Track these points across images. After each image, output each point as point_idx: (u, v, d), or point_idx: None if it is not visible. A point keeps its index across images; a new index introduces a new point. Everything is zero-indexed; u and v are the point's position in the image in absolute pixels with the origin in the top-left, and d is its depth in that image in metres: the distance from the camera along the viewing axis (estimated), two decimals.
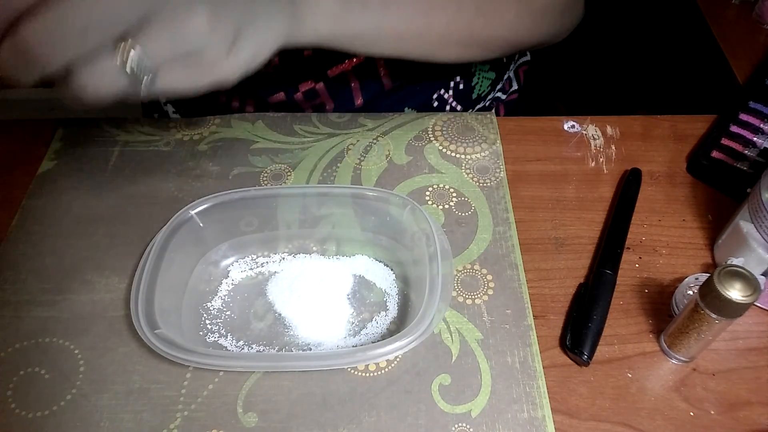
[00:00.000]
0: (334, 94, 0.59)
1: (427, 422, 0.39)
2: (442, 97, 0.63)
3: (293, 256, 0.48)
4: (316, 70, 0.57)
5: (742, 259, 0.44)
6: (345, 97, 0.59)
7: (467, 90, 0.64)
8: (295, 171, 0.52)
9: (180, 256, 0.44)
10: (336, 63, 0.57)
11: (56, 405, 0.39)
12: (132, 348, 0.42)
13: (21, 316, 0.43)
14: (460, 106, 0.65)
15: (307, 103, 0.59)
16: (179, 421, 0.39)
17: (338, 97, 0.60)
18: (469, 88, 0.64)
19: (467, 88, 0.64)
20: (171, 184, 0.51)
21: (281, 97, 0.59)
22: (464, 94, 0.64)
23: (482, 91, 0.66)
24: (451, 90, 0.63)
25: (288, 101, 0.59)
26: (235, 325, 0.44)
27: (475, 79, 0.64)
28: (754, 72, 0.61)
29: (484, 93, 0.66)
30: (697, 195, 0.52)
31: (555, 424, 0.39)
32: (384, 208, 0.46)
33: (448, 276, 0.42)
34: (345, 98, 0.59)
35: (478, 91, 0.65)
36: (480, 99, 0.66)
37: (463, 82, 0.63)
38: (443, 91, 0.63)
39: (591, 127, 0.57)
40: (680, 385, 0.41)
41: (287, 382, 0.40)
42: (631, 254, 0.48)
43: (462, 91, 0.64)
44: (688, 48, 0.75)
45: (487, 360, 0.41)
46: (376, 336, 0.43)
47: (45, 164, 0.52)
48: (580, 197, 0.51)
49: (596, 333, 0.42)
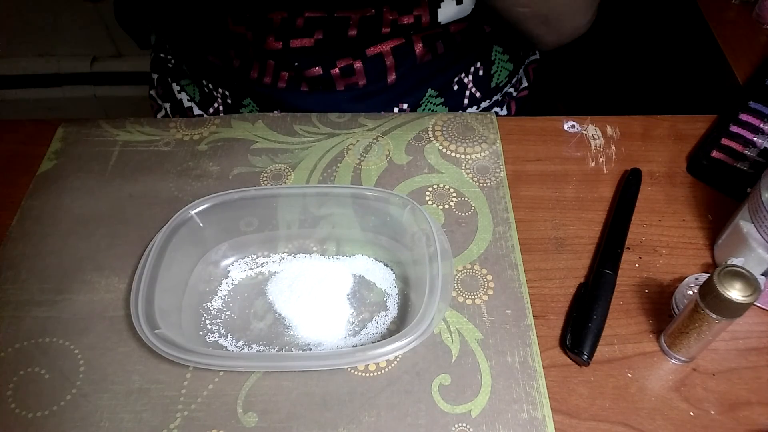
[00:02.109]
0: (368, 72, 0.60)
1: (427, 422, 0.39)
2: (462, 81, 0.64)
3: (293, 256, 0.48)
4: (356, 47, 0.58)
5: (742, 259, 0.44)
6: (378, 74, 0.60)
7: (486, 77, 0.65)
8: (295, 171, 0.52)
9: (180, 256, 0.44)
10: (376, 42, 0.58)
11: (56, 405, 0.39)
12: (132, 348, 0.42)
13: (21, 316, 0.43)
14: (479, 92, 0.65)
15: (342, 80, 0.60)
16: (179, 421, 0.39)
17: (372, 74, 0.60)
18: (488, 75, 0.65)
19: (486, 75, 0.65)
20: (171, 184, 0.51)
21: (317, 71, 0.59)
22: (483, 80, 0.65)
23: (500, 81, 0.67)
24: (471, 75, 0.64)
25: (323, 76, 0.59)
26: (235, 325, 0.44)
27: (494, 67, 0.65)
28: (754, 72, 0.61)
29: (502, 83, 0.67)
30: (697, 195, 0.52)
31: (555, 424, 0.39)
32: (384, 208, 0.46)
33: (448, 276, 0.42)
34: (378, 76, 0.60)
35: (497, 80, 0.66)
36: (498, 89, 0.67)
37: (483, 68, 0.64)
38: (464, 74, 0.63)
39: (591, 127, 0.57)
40: (680, 385, 0.41)
41: (287, 382, 0.40)
42: (631, 254, 0.48)
43: (482, 77, 0.65)
44: (688, 48, 0.75)
45: (487, 360, 0.41)
46: (376, 336, 0.43)
47: (45, 164, 0.52)
48: (580, 197, 0.51)
49: (596, 333, 0.42)
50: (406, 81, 0.61)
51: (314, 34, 0.56)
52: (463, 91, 0.64)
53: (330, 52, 0.58)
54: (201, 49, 0.63)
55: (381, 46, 0.58)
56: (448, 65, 0.62)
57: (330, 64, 0.58)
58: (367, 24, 0.56)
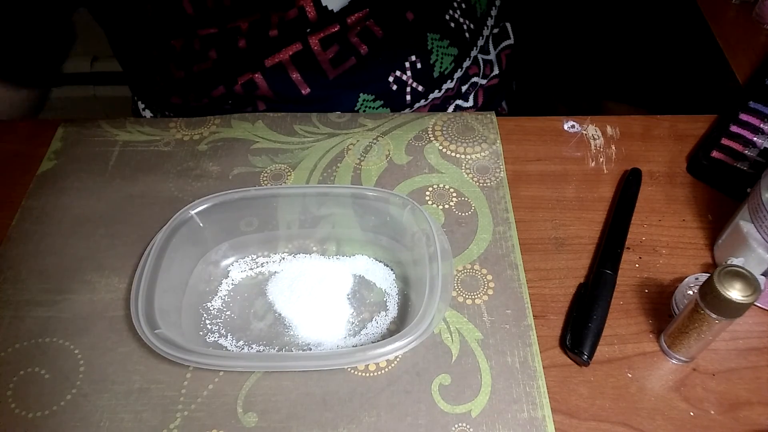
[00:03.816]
0: (274, 85, 0.58)
1: (427, 422, 0.39)
2: (400, 78, 0.60)
3: (293, 256, 0.48)
4: (252, 60, 0.56)
5: (742, 259, 0.44)
6: (288, 88, 0.58)
7: (427, 68, 0.61)
8: (295, 171, 0.52)
9: (180, 256, 0.44)
10: (272, 52, 0.56)
11: (56, 405, 0.39)
12: (132, 348, 0.42)
13: (21, 316, 0.43)
14: (422, 86, 0.62)
15: (249, 95, 0.58)
16: (179, 421, 0.39)
17: (280, 87, 0.58)
18: (428, 66, 0.61)
19: (426, 67, 0.61)
20: (171, 184, 0.51)
21: (222, 90, 0.58)
22: (424, 73, 0.61)
23: (444, 69, 0.62)
24: (409, 71, 0.60)
25: (228, 94, 0.58)
26: (235, 325, 0.44)
27: (433, 56, 0.61)
28: (754, 72, 0.61)
29: (447, 70, 0.62)
30: (697, 195, 0.52)
31: (555, 424, 0.39)
32: (384, 208, 0.46)
33: (448, 276, 0.42)
34: (288, 89, 0.58)
35: (440, 68, 0.62)
36: (444, 78, 0.63)
37: (420, 61, 0.60)
38: (399, 72, 0.60)
39: (591, 127, 0.57)
40: (680, 385, 0.41)
41: (287, 382, 0.40)
42: (631, 254, 0.48)
43: (421, 70, 0.61)
44: (688, 48, 0.75)
45: (487, 360, 0.41)
46: (376, 336, 0.43)
47: (45, 164, 0.52)
48: (580, 197, 0.51)
49: (596, 333, 0.42)
50: (328, 93, 0.59)
51: (209, 54, 0.55)
52: (404, 88, 0.61)
53: (228, 69, 0.57)
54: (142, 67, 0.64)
55: (278, 56, 0.56)
56: (377, 67, 0.59)
57: (232, 81, 0.57)
58: (256, 29, 0.54)
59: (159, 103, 0.66)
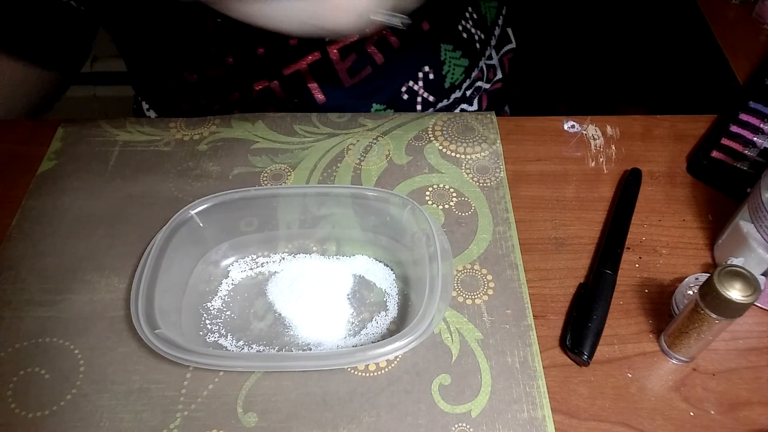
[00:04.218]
0: (290, 93, 0.58)
1: (427, 422, 0.39)
2: (412, 89, 0.61)
3: (293, 256, 0.48)
4: (270, 68, 0.57)
5: (742, 259, 0.44)
6: (304, 96, 0.58)
7: (438, 79, 0.62)
8: (295, 171, 0.52)
9: (180, 256, 0.44)
10: (291, 62, 0.56)
11: (56, 405, 0.39)
12: (132, 348, 0.42)
13: (21, 316, 0.43)
14: (432, 96, 0.62)
15: (264, 102, 0.58)
16: (179, 421, 0.39)
17: (296, 96, 0.58)
18: (440, 77, 0.62)
19: (438, 78, 0.62)
20: (171, 184, 0.51)
21: (237, 96, 0.58)
22: (435, 84, 0.62)
23: (455, 80, 0.63)
24: (421, 81, 0.61)
25: (244, 99, 0.58)
26: (235, 325, 0.44)
27: (446, 67, 0.62)
28: (754, 72, 0.61)
29: (457, 81, 0.64)
30: (697, 195, 0.52)
31: (555, 424, 0.39)
32: (384, 208, 0.46)
33: (448, 276, 0.42)
34: (304, 97, 0.58)
35: (451, 79, 0.63)
36: (454, 88, 0.64)
37: (433, 71, 0.61)
38: (412, 83, 0.61)
39: (591, 127, 0.57)
40: (680, 385, 0.41)
41: (287, 382, 0.40)
42: (631, 254, 0.48)
43: (433, 81, 0.62)
44: (688, 48, 0.75)
45: (487, 360, 0.41)
46: (376, 336, 0.43)
47: (45, 164, 0.52)
48: (580, 197, 0.51)
49: (596, 333, 0.42)
50: (343, 101, 0.59)
51: (226, 59, 0.55)
52: (415, 98, 0.62)
53: (245, 76, 0.57)
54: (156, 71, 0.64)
55: (296, 65, 0.56)
56: (392, 76, 0.60)
57: (248, 88, 0.57)
58: (277, 38, 0.54)
59: (166, 107, 0.66)
